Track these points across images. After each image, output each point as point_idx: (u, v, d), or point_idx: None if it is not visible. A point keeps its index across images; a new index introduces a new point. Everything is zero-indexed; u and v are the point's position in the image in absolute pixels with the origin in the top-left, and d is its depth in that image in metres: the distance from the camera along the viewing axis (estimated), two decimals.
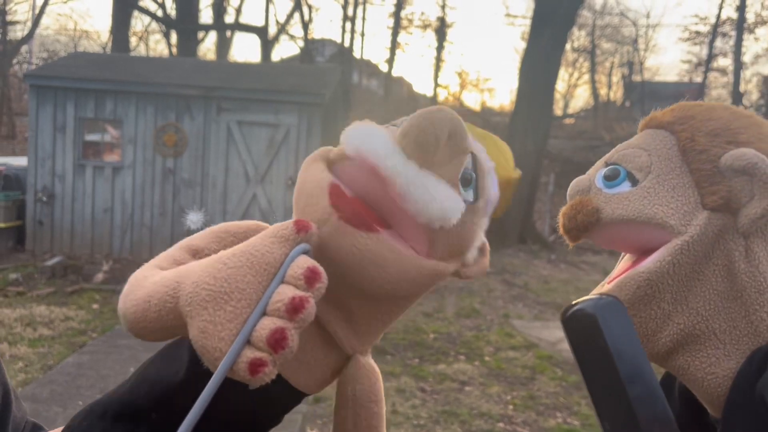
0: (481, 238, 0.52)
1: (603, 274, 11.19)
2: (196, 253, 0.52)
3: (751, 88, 27.33)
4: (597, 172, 0.58)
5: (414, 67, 70.07)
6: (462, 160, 0.48)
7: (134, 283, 0.49)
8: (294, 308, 0.41)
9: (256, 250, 0.44)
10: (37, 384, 4.36)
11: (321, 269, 0.43)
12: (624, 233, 0.54)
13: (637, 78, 27.04)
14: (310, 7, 26.68)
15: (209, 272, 0.43)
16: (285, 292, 0.42)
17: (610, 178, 0.55)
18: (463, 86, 35.88)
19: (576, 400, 4.67)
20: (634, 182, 0.54)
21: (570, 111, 32.38)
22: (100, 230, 8.78)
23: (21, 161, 9.73)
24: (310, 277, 0.42)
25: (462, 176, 0.48)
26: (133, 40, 24.82)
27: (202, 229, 0.54)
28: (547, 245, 12.12)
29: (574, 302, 0.48)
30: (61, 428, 0.54)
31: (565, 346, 6.07)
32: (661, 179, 0.53)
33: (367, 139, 0.46)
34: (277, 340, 0.40)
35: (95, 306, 6.43)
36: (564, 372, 5.26)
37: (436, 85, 31.92)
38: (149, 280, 0.48)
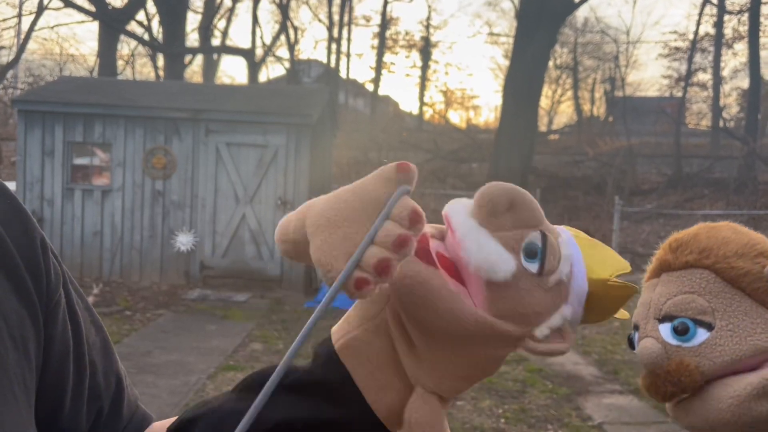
0: (555, 319, 0.53)
1: None
2: None
3: (730, 102, 27.78)
4: (650, 333, 0.57)
5: (400, 86, 70.67)
6: (524, 233, 0.53)
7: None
8: (400, 244, 0.49)
9: (365, 188, 0.52)
10: None
11: (422, 211, 0.50)
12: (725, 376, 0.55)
13: (619, 93, 27.35)
14: (296, 29, 26.91)
15: (329, 205, 0.52)
16: (392, 229, 0.49)
17: (683, 332, 0.55)
18: (448, 104, 36.22)
19: (567, 411, 4.74)
20: (708, 327, 0.55)
21: (554, 127, 32.77)
22: (90, 254, 8.77)
23: (9, 186, 9.71)
24: (414, 218, 0.50)
25: (526, 247, 0.53)
26: (120, 64, 24.87)
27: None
28: None
29: None
30: (174, 419, 0.62)
31: (555, 359, 6.15)
32: (730, 313, 0.54)
33: (454, 206, 0.56)
34: (383, 268, 0.48)
35: None
36: (554, 385, 5.33)
37: (422, 103, 32.25)
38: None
